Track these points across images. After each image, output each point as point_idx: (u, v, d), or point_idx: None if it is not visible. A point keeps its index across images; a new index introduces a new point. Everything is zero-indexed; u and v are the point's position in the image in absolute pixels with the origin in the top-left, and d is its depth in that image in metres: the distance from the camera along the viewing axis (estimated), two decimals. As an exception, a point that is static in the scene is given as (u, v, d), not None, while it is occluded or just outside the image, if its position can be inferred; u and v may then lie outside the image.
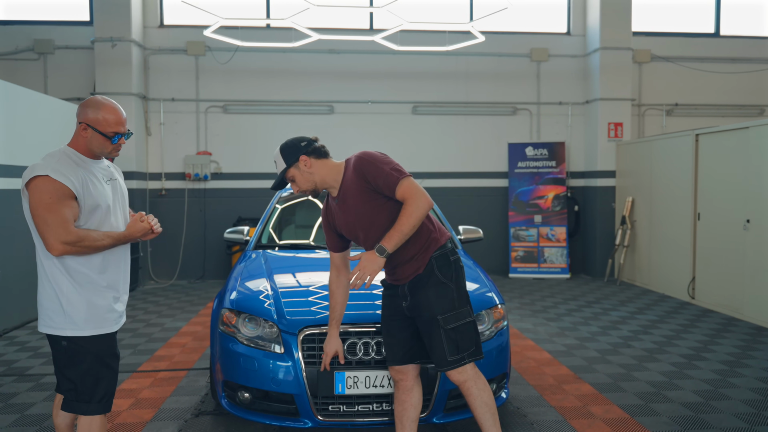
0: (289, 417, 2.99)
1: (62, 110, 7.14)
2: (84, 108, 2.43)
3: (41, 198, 2.29)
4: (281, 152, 2.69)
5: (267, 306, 3.20)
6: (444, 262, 2.65)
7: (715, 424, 3.54)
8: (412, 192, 2.51)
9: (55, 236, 2.27)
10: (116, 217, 2.51)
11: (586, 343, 5.33)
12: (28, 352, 5.09)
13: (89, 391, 2.42)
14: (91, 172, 2.44)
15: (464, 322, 2.60)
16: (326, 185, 2.72)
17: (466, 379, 2.59)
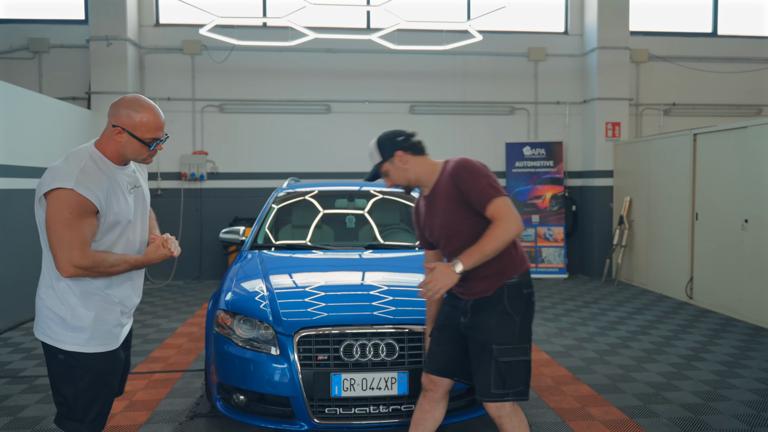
0: (285, 420, 2.95)
1: (57, 110, 7.09)
2: (119, 109, 2.18)
3: (61, 213, 2.07)
4: (377, 145, 2.60)
5: (263, 307, 3.16)
6: (516, 293, 2.50)
7: (714, 425, 3.51)
8: (503, 213, 2.38)
9: (68, 258, 2.08)
10: (134, 231, 2.33)
11: (584, 344, 5.30)
12: (22, 354, 5.04)
13: (83, 410, 2.24)
14: (115, 181, 2.22)
15: (518, 359, 2.46)
16: (419, 183, 2.62)
17: (502, 414, 2.48)
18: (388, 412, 2.92)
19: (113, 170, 2.24)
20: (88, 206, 2.11)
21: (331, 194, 5.03)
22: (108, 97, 8.24)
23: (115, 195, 2.21)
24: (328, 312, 3.08)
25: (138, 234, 2.37)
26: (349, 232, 4.75)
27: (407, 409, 2.93)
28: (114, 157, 2.24)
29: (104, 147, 2.23)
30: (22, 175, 6.18)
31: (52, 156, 6.81)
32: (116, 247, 2.27)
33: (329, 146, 9.12)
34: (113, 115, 2.20)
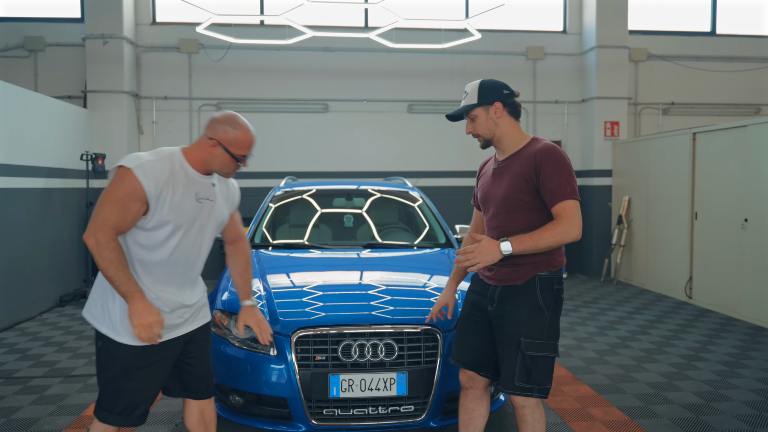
0: (283, 421, 2.91)
1: (54, 108, 7.03)
2: (219, 124, 2.31)
3: (112, 187, 2.19)
4: (480, 86, 2.48)
5: (260, 307, 3.11)
6: (548, 286, 2.44)
7: (716, 426, 3.48)
8: (570, 214, 2.32)
9: (95, 225, 2.15)
10: (188, 238, 2.33)
11: (584, 344, 5.27)
12: (16, 354, 4.99)
13: (111, 400, 2.31)
14: (183, 185, 2.28)
15: (545, 355, 2.41)
16: (501, 144, 2.52)
17: (526, 405, 2.44)
18: (387, 413, 2.88)
19: (189, 176, 2.32)
20: (138, 191, 2.17)
21: (329, 193, 4.99)
22: (105, 95, 8.19)
23: (174, 195, 2.25)
24: (326, 312, 3.04)
25: (193, 246, 2.37)
26: (347, 232, 4.71)
27: (406, 410, 2.89)
28: (198, 165, 2.34)
29: (192, 154, 2.34)
30: (17, 174, 6.12)
31: (48, 155, 6.76)
32: (165, 246, 2.29)
33: (327, 145, 9.07)
34: (211, 128, 2.32)
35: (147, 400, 2.37)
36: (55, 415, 3.67)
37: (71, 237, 7.30)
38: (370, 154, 9.09)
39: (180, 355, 2.46)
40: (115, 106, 8.25)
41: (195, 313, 2.49)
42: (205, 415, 2.58)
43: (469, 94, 2.51)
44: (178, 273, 2.35)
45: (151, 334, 2.19)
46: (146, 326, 2.18)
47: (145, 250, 2.27)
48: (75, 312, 6.62)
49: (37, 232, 6.50)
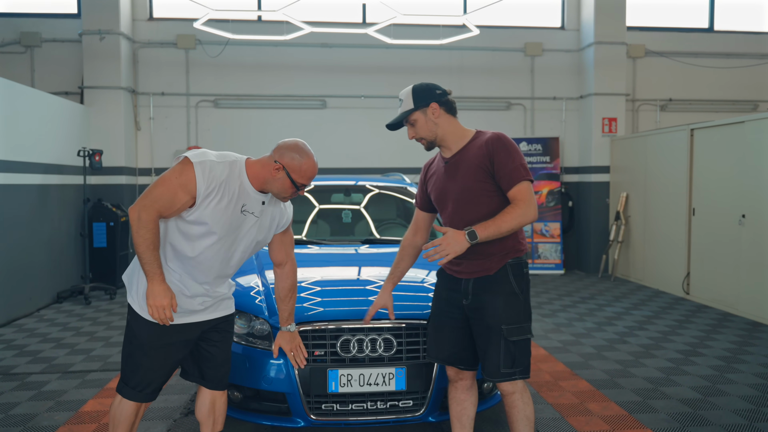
0: (281, 416, 2.91)
1: (51, 104, 7.01)
2: (287, 151, 2.39)
3: (171, 173, 2.29)
4: (413, 91, 2.54)
5: (258, 302, 3.11)
6: (519, 271, 2.53)
7: (714, 420, 3.49)
8: (526, 196, 2.41)
9: (142, 203, 2.26)
10: (220, 246, 2.40)
11: (582, 340, 5.28)
12: (14, 351, 4.98)
13: (129, 373, 2.45)
14: (233, 193, 2.35)
15: (525, 338, 2.50)
16: (445, 142, 2.58)
17: (515, 391, 2.51)
18: (386, 408, 2.88)
19: (244, 187, 2.39)
20: (191, 184, 2.27)
21: (327, 189, 4.98)
22: (102, 92, 8.17)
23: (220, 201, 2.32)
24: (325, 307, 3.04)
25: (227, 252, 2.44)
26: (345, 227, 4.71)
27: (405, 405, 2.89)
28: (255, 181, 2.41)
29: (254, 169, 2.42)
30: (14, 170, 6.10)
31: (45, 151, 6.74)
32: (197, 244, 2.37)
33: (325, 142, 9.05)
34: (279, 153, 2.40)
35: (158, 379, 2.47)
36: (53, 411, 3.66)
37: (68, 233, 7.28)
38: (367, 150, 9.08)
39: (201, 341, 2.54)
40: (113, 102, 8.22)
41: (217, 303, 2.55)
42: (216, 407, 2.64)
43: (405, 101, 2.55)
44: (201, 272, 2.44)
45: (162, 315, 2.30)
46: (159, 307, 2.28)
47: (180, 238, 2.38)
48: (72, 308, 6.61)
49: (34, 228, 6.48)
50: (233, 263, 2.51)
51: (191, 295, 2.44)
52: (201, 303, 2.47)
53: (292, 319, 2.76)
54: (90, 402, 3.81)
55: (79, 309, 6.58)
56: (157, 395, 2.51)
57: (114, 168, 8.16)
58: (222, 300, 2.57)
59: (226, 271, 2.51)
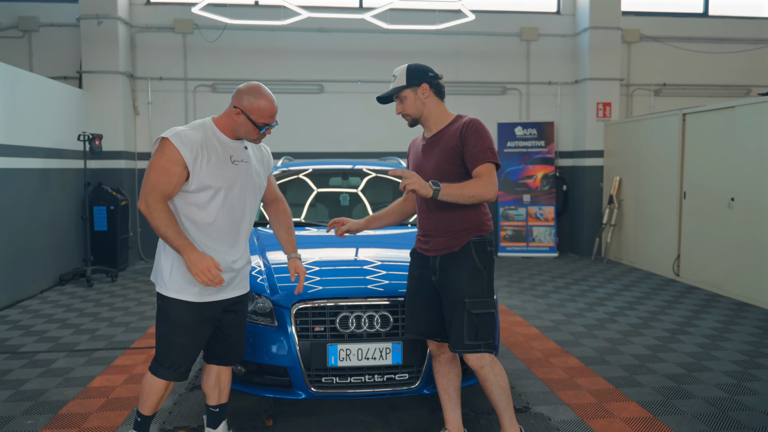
0: (283, 389, 3.05)
1: (50, 89, 7.06)
2: (243, 94, 2.50)
3: (155, 156, 2.43)
4: (408, 70, 2.70)
5: (260, 281, 3.24)
6: (482, 249, 2.67)
7: (697, 394, 3.65)
8: (488, 176, 2.55)
9: (145, 191, 2.39)
10: (232, 200, 2.53)
11: (573, 319, 5.44)
12: (20, 331, 5.11)
13: (162, 354, 2.56)
14: (216, 150, 2.50)
15: (488, 311, 2.64)
16: (428, 123, 2.76)
17: (483, 365, 2.63)
18: (383, 381, 3.02)
19: (221, 140, 2.54)
20: (176, 156, 2.40)
21: (325, 173, 5.09)
22: (100, 76, 8.21)
23: (209, 159, 2.47)
24: (324, 286, 3.16)
25: (237, 205, 2.57)
26: (343, 210, 4.82)
27: (401, 378, 3.04)
28: (227, 132, 2.56)
29: (221, 122, 2.57)
30: (16, 154, 6.18)
31: (45, 136, 6.81)
32: (210, 207, 2.49)
33: (322, 126, 9.14)
34: (237, 98, 2.51)
35: (190, 358, 2.59)
36: (62, 387, 3.80)
37: (70, 217, 7.39)
38: (364, 134, 9.17)
39: (219, 324, 2.65)
40: (111, 87, 8.27)
41: (239, 280, 2.68)
42: (221, 379, 2.80)
43: (398, 77, 2.71)
44: (226, 233, 2.56)
45: (211, 276, 2.36)
46: (204, 270, 2.35)
47: (194, 210, 2.50)
48: (75, 290, 6.73)
49: (36, 212, 6.57)
50: (249, 214, 2.63)
51: (220, 265, 2.52)
52: (228, 278, 2.58)
53: (296, 248, 2.88)
54: (98, 378, 3.95)
55: (81, 291, 6.71)
56: (188, 375, 2.62)
57: (113, 152, 8.23)
58: (242, 276, 2.69)
59: (244, 224, 2.63)
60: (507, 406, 2.68)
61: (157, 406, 2.64)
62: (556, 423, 3.25)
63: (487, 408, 3.40)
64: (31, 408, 3.47)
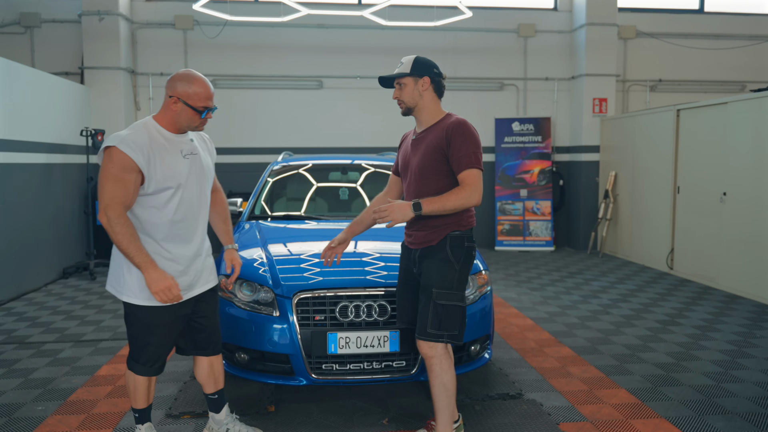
0: (285, 375, 3.17)
1: (52, 85, 7.15)
2: (175, 81, 2.49)
3: (105, 167, 2.39)
4: (416, 60, 2.77)
5: (262, 272, 3.35)
6: (458, 243, 2.72)
7: (684, 381, 3.77)
8: (473, 182, 2.61)
9: (103, 205, 2.37)
10: (190, 194, 2.57)
11: (567, 311, 5.56)
12: (26, 322, 5.22)
13: (137, 352, 2.61)
14: (166, 148, 2.49)
15: (454, 304, 2.68)
16: (420, 116, 2.82)
17: (434, 355, 2.68)
18: (381, 368, 3.14)
19: (167, 138, 2.53)
20: (128, 163, 2.38)
21: (324, 167, 5.20)
22: (102, 72, 8.30)
23: (162, 158, 2.46)
24: (324, 276, 3.28)
25: (195, 197, 2.61)
26: (342, 204, 4.94)
27: (398, 365, 3.15)
28: (170, 126, 2.54)
29: (161, 117, 2.54)
30: (20, 149, 6.28)
31: (48, 131, 6.91)
32: (170, 206, 2.51)
33: (321, 121, 9.24)
34: (170, 87, 2.50)
35: (165, 353, 2.67)
36: (70, 375, 3.92)
37: (72, 211, 7.49)
38: (363, 129, 9.27)
39: (191, 314, 2.72)
40: (112, 83, 8.36)
41: (207, 275, 2.75)
42: (215, 369, 2.88)
43: (404, 65, 2.78)
44: (187, 227, 2.60)
45: (171, 296, 2.44)
46: (165, 290, 2.42)
47: (154, 212, 2.50)
48: (78, 283, 6.85)
49: (40, 206, 6.68)
50: (205, 203, 2.69)
51: (185, 267, 2.60)
52: (195, 273, 2.64)
53: (232, 239, 2.96)
54: (104, 367, 4.06)
55: (85, 284, 6.82)
56: (164, 368, 2.72)
57: (115, 147, 8.31)
58: (209, 270, 2.77)
59: (203, 213, 2.68)
60: (445, 407, 2.71)
61: (148, 398, 2.72)
62: (548, 408, 3.37)
63: (482, 394, 3.52)
64: (41, 395, 3.59)
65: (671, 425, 3.15)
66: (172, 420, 3.23)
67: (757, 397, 3.52)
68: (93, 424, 3.19)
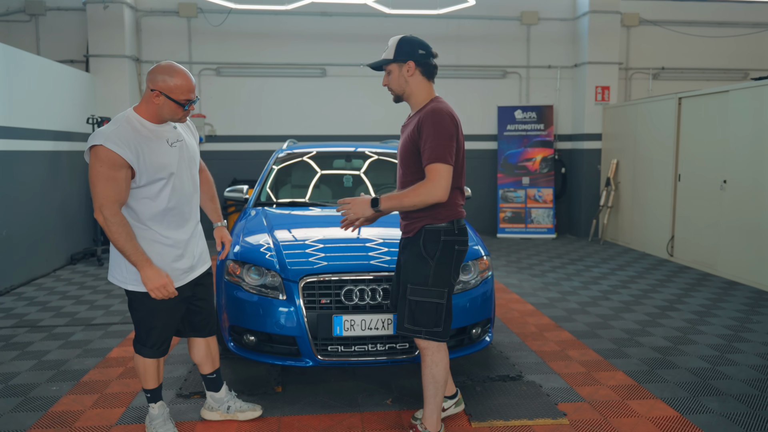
0: (292, 357, 3.26)
1: (57, 72, 7.21)
2: (156, 75, 2.48)
3: (95, 166, 2.40)
4: (399, 43, 2.63)
5: (269, 257, 3.44)
6: (432, 238, 2.62)
7: (680, 364, 3.87)
8: (436, 177, 2.48)
9: (98, 204, 2.42)
10: (181, 181, 2.63)
11: (568, 297, 5.65)
12: (37, 306, 5.34)
13: (144, 336, 2.71)
14: (152, 139, 2.51)
15: (429, 301, 2.61)
16: (410, 102, 2.70)
17: (426, 347, 2.68)
18: (385, 350, 3.23)
19: (151, 129, 2.55)
20: (116, 160, 2.41)
21: (328, 155, 5.27)
22: (107, 60, 8.36)
23: (150, 150, 2.51)
24: (329, 261, 3.36)
25: (187, 184, 2.68)
26: (346, 191, 5.01)
27: (401, 347, 3.25)
28: (152, 118, 2.56)
29: (143, 110, 2.55)
30: (23, 137, 6.36)
31: (55, 119, 6.99)
32: (163, 194, 2.57)
33: (325, 109, 9.30)
34: (151, 80, 2.50)
35: (170, 335, 2.78)
36: (82, 357, 4.03)
37: (79, 198, 7.59)
38: (366, 117, 9.33)
39: (191, 297, 2.83)
40: (117, 71, 8.42)
41: (204, 258, 2.87)
42: (211, 349, 3.02)
43: (389, 49, 2.66)
44: (180, 213, 2.67)
45: (166, 293, 2.54)
46: (160, 288, 2.52)
47: (148, 203, 2.57)
48: (86, 269, 6.96)
49: (47, 193, 6.77)
50: (197, 186, 2.78)
51: (182, 252, 2.69)
52: (192, 256, 2.74)
53: (220, 217, 3.10)
54: (115, 349, 4.17)
55: (92, 270, 6.93)
56: (169, 350, 2.82)
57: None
58: (204, 253, 2.88)
59: (196, 196, 2.78)
60: (432, 397, 2.72)
61: (158, 379, 2.82)
62: (547, 390, 3.46)
63: (483, 376, 3.62)
64: (54, 376, 3.70)
65: (666, 405, 3.24)
66: (182, 399, 3.33)
67: (752, 379, 3.61)
68: (106, 403, 3.30)
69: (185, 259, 2.71)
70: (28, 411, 3.21)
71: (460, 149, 2.63)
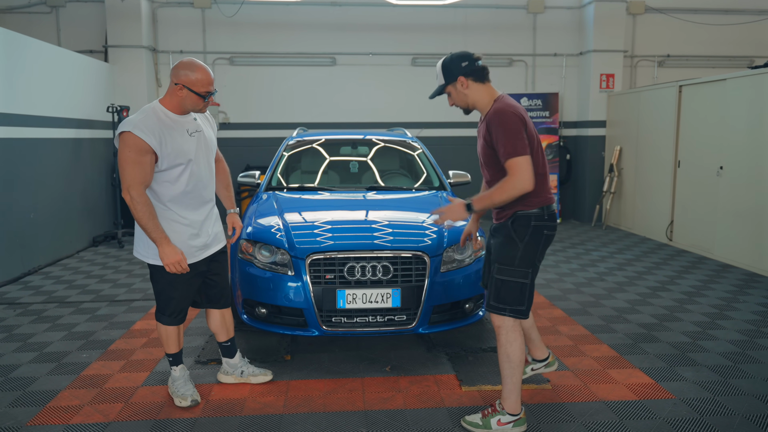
0: (299, 327, 3.58)
1: (77, 63, 7.54)
2: (180, 70, 2.81)
3: (122, 151, 2.72)
4: (442, 67, 2.80)
5: (279, 237, 3.74)
6: (522, 222, 2.76)
7: (663, 339, 4.13)
8: (515, 170, 2.61)
9: (126, 185, 2.72)
10: (198, 167, 2.93)
11: (564, 278, 5.91)
12: (64, 284, 5.70)
13: (163, 306, 3.04)
14: (174, 128, 2.82)
15: (514, 281, 2.75)
16: (477, 108, 2.85)
17: (500, 325, 2.80)
18: (384, 321, 3.53)
19: (174, 119, 2.88)
20: (142, 146, 2.73)
21: (337, 142, 5.55)
22: (124, 50, 8.67)
23: (172, 138, 2.82)
24: (335, 240, 3.66)
25: (204, 169, 2.99)
26: (353, 177, 5.30)
27: (400, 319, 3.54)
28: (175, 109, 2.89)
29: (167, 101, 2.88)
30: (47, 125, 6.70)
31: (73, 107, 7.33)
32: (182, 179, 2.87)
33: (334, 97, 9.56)
34: (175, 75, 2.83)
35: (186, 305, 3.11)
36: (108, 329, 4.38)
37: (100, 183, 7.95)
38: (375, 105, 9.58)
39: (206, 272, 3.15)
40: (135, 61, 8.74)
41: (219, 237, 3.19)
42: (226, 319, 3.35)
43: (438, 76, 2.85)
44: (197, 196, 2.99)
45: (179, 269, 2.86)
46: (174, 264, 2.84)
47: (168, 186, 2.89)
48: (108, 251, 7.33)
49: (70, 178, 7.13)
50: (213, 173, 3.08)
51: (198, 231, 3.00)
52: (207, 235, 3.05)
53: (234, 204, 3.40)
54: (138, 322, 4.52)
55: (114, 251, 7.30)
56: (186, 318, 3.14)
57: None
58: (220, 232, 3.19)
59: (212, 182, 3.08)
60: (509, 377, 2.81)
61: (179, 344, 3.16)
62: (535, 360, 3.74)
63: (475, 347, 3.91)
64: (84, 345, 4.05)
65: (643, 374, 3.52)
66: (200, 366, 3.67)
67: (728, 352, 3.86)
68: (132, 369, 3.64)
69: (200, 237, 3.03)
70: (62, 374, 3.56)
71: (534, 138, 2.76)
